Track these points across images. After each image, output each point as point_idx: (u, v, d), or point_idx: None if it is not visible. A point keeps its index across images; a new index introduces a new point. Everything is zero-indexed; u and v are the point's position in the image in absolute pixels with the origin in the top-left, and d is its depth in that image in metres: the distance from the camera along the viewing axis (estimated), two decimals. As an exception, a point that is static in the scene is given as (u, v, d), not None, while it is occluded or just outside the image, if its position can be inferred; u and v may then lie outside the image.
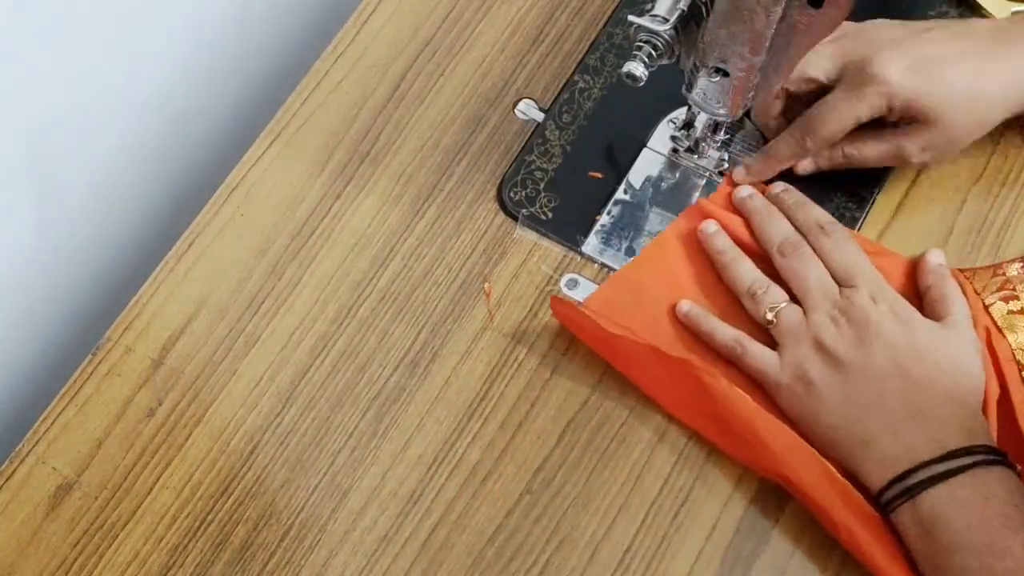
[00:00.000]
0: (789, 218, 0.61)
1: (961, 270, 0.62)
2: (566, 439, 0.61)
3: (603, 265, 0.65)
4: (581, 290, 0.64)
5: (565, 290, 0.64)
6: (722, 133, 0.64)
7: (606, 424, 0.61)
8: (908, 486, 0.53)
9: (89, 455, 0.62)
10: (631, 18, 0.55)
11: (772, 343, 0.59)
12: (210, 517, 0.60)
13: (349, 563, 0.59)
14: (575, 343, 0.63)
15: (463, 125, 0.69)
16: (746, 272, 0.61)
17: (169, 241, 0.67)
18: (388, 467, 0.61)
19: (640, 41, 0.55)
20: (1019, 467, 0.54)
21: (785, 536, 0.58)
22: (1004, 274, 0.62)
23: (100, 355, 0.64)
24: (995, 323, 0.60)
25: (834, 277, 0.59)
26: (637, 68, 0.55)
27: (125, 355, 0.64)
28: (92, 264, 0.74)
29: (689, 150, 0.65)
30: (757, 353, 0.58)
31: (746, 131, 0.67)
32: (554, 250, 0.65)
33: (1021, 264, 0.62)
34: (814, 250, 0.60)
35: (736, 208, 0.63)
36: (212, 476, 0.61)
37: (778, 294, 0.59)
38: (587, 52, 0.70)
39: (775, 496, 0.58)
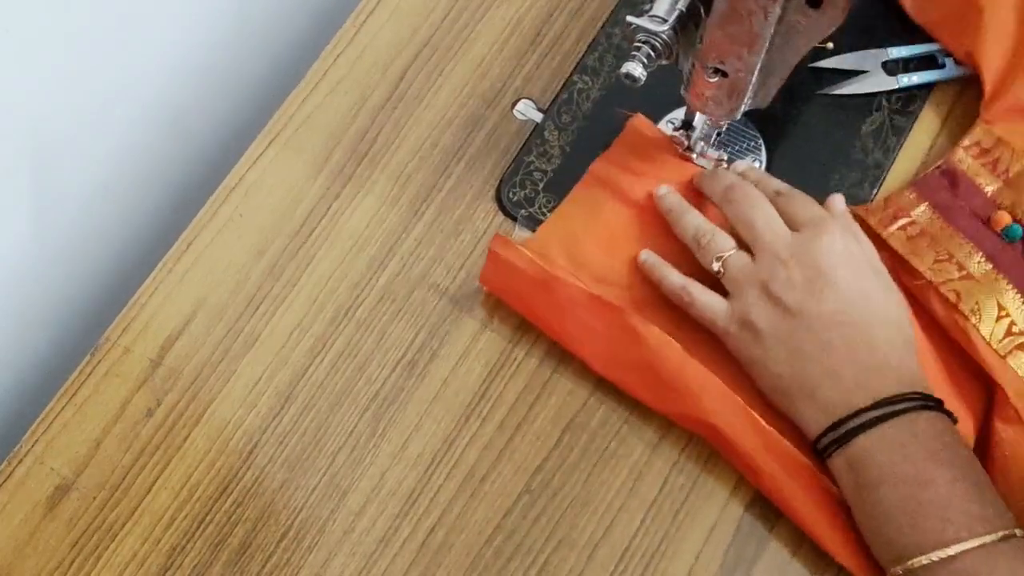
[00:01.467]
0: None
1: (855, 207, 0.62)
2: (565, 440, 0.61)
3: (602, 265, 0.65)
4: (580, 290, 0.64)
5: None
6: (721, 133, 0.64)
7: (605, 425, 0.61)
8: (841, 433, 0.53)
9: (87, 455, 0.62)
10: (629, 18, 0.55)
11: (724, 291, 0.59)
12: (208, 518, 0.60)
13: (348, 564, 0.59)
14: (574, 343, 0.63)
15: (462, 125, 0.69)
16: (691, 221, 0.60)
17: (167, 241, 0.67)
18: (387, 467, 0.61)
19: (639, 41, 0.55)
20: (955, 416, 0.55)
21: (785, 538, 0.58)
22: (895, 203, 0.63)
23: (98, 356, 0.64)
24: (897, 253, 0.60)
25: (789, 224, 0.58)
26: (636, 68, 0.55)
27: (123, 356, 0.64)
28: (90, 265, 0.74)
29: (688, 150, 0.65)
30: (705, 300, 0.58)
31: (744, 131, 0.67)
32: (553, 250, 0.65)
33: (910, 190, 0.63)
34: None
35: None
36: (211, 477, 0.61)
37: (724, 240, 0.58)
38: (586, 52, 0.70)
39: (774, 497, 0.58)
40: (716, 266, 0.58)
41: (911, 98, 0.68)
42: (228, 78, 0.79)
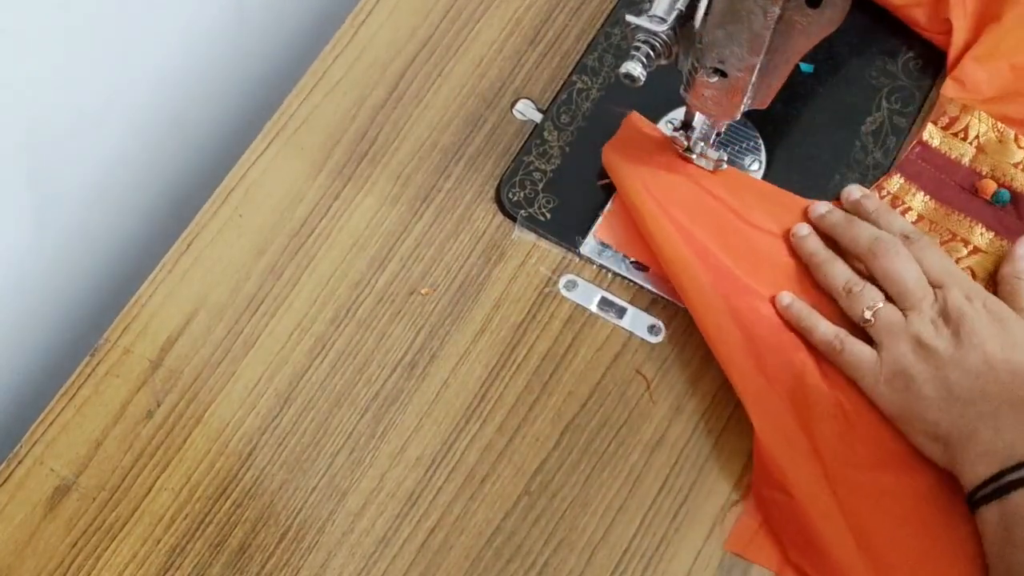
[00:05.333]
0: (872, 224, 0.62)
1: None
2: (564, 441, 0.61)
3: (601, 267, 0.64)
4: (580, 292, 0.64)
5: (564, 291, 0.64)
6: (720, 133, 0.64)
7: (605, 426, 0.61)
8: (1002, 484, 0.52)
9: (87, 456, 0.62)
10: (629, 18, 0.55)
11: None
12: (208, 518, 0.60)
13: (347, 564, 0.59)
14: (573, 345, 0.63)
15: (461, 125, 0.69)
16: (840, 271, 0.61)
17: (167, 242, 0.67)
18: (386, 469, 0.61)
19: (638, 41, 0.55)
20: None
21: (784, 538, 0.58)
22: (889, 192, 0.64)
23: (98, 356, 0.64)
24: None
25: (927, 280, 0.59)
26: (635, 68, 0.54)
27: (123, 356, 0.64)
28: (90, 265, 0.74)
29: (688, 150, 0.65)
30: (856, 350, 0.58)
31: (744, 131, 0.67)
32: (553, 251, 0.65)
33: (898, 175, 0.64)
34: None
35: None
36: (210, 477, 0.61)
37: (875, 293, 0.59)
38: (585, 52, 0.70)
39: (774, 497, 0.58)
40: (868, 315, 0.58)
41: (911, 98, 0.67)
42: (228, 78, 0.79)
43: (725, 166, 0.65)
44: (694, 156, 0.65)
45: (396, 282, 0.65)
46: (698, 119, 0.63)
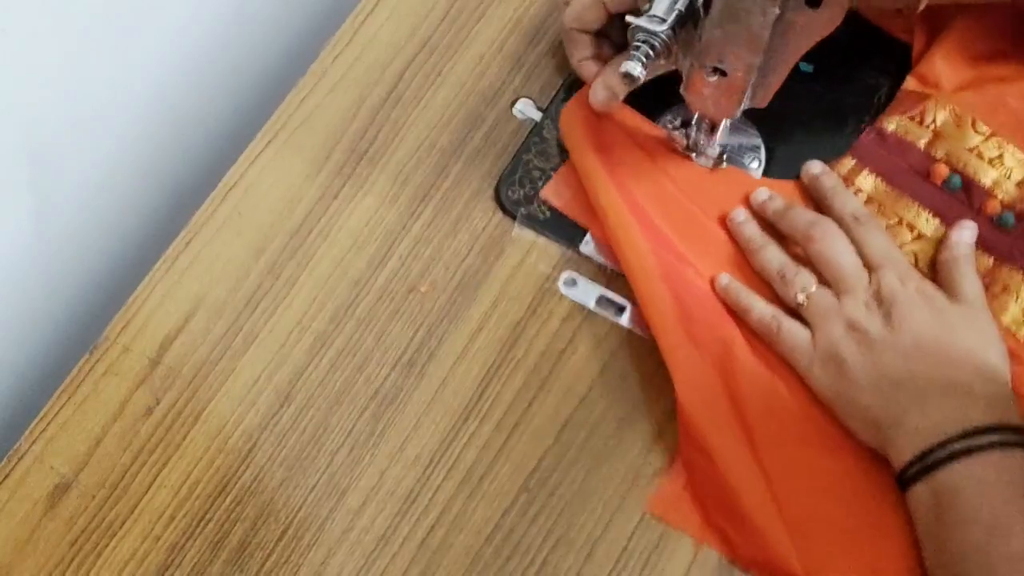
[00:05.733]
0: (825, 204, 0.63)
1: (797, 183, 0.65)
2: (563, 438, 0.61)
3: (601, 264, 0.65)
4: (580, 289, 0.64)
5: (564, 289, 0.64)
6: (719, 132, 0.64)
7: (603, 423, 0.61)
8: (928, 463, 0.53)
9: (87, 454, 0.62)
10: (628, 18, 0.55)
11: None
12: (208, 516, 0.60)
13: (347, 562, 0.59)
14: (572, 342, 0.63)
15: (461, 124, 0.69)
16: (774, 255, 0.61)
17: (167, 240, 0.67)
18: (386, 467, 0.61)
19: (637, 41, 0.55)
20: None
21: (782, 535, 0.58)
22: (840, 174, 0.64)
23: (97, 354, 0.64)
24: None
25: (865, 263, 0.59)
26: (635, 68, 0.55)
27: (122, 354, 0.64)
28: (89, 263, 0.74)
29: (687, 149, 0.65)
30: (792, 331, 0.59)
31: (743, 130, 0.67)
32: (552, 249, 0.65)
33: (851, 157, 0.64)
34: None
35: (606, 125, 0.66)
36: (210, 475, 0.61)
37: (809, 277, 0.60)
38: (585, 51, 0.70)
39: (772, 495, 0.58)
40: (801, 298, 0.59)
41: (909, 97, 0.68)
42: (227, 77, 0.79)
43: (724, 164, 0.65)
44: (693, 156, 0.65)
45: (395, 280, 0.65)
46: (697, 118, 0.64)
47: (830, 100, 0.68)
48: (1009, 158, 0.62)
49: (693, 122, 0.64)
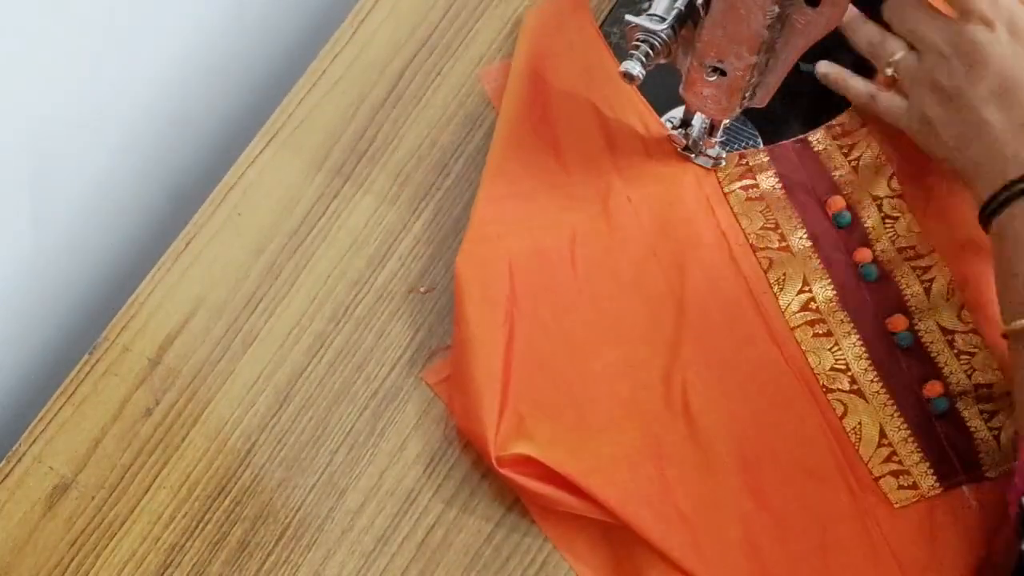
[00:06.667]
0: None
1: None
2: (563, 438, 0.61)
3: (600, 264, 0.65)
4: (578, 289, 0.64)
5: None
6: (719, 132, 0.64)
7: (603, 423, 0.61)
8: (996, 204, 0.55)
9: (86, 455, 0.62)
10: (628, 17, 0.55)
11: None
12: (207, 516, 0.60)
13: (347, 562, 0.59)
14: (572, 342, 0.63)
15: (460, 124, 0.69)
16: (862, 32, 0.62)
17: (166, 240, 0.67)
18: (385, 466, 0.61)
19: (637, 40, 0.55)
20: None
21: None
22: (748, 162, 0.65)
23: (97, 355, 0.64)
24: (732, 209, 0.63)
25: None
26: (634, 67, 0.55)
27: (122, 355, 0.64)
28: (89, 263, 0.74)
29: (687, 149, 0.65)
30: (887, 99, 0.61)
31: (743, 129, 0.67)
32: (551, 249, 0.65)
33: (765, 153, 0.65)
34: None
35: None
36: (209, 475, 0.61)
37: (893, 43, 0.61)
38: (584, 51, 0.70)
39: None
40: (889, 72, 0.61)
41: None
42: (226, 77, 0.79)
43: (724, 164, 0.65)
44: (693, 155, 0.65)
45: (395, 280, 0.65)
46: (697, 118, 0.64)
47: (829, 99, 0.68)
48: (902, 223, 0.62)
49: (692, 122, 0.64)
